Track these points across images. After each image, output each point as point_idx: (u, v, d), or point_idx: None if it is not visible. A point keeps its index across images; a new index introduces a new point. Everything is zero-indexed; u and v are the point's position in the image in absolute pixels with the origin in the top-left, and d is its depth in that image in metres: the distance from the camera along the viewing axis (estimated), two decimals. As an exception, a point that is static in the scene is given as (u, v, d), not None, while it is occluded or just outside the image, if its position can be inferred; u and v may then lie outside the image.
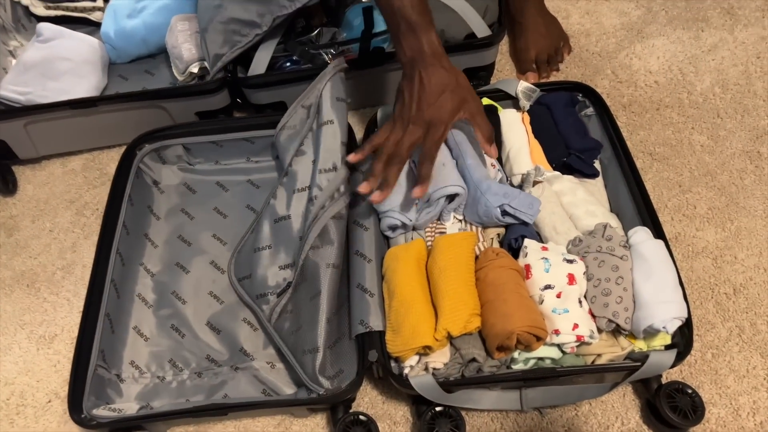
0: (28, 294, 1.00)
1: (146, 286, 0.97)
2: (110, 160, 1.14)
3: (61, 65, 1.15)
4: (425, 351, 0.78)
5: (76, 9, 1.29)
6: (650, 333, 0.77)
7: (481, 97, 1.01)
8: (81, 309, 0.88)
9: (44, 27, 1.20)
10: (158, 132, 1.04)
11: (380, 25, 1.10)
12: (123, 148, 1.12)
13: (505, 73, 1.20)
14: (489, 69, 1.14)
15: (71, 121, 1.08)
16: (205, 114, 1.11)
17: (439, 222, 0.91)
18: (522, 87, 1.00)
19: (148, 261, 0.99)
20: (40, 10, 1.29)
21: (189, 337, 0.92)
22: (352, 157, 0.84)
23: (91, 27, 1.30)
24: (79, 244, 1.05)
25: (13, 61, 1.22)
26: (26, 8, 1.30)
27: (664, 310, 0.75)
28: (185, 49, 1.13)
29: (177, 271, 0.98)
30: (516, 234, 0.86)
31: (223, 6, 1.03)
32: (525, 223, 0.86)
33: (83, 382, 0.83)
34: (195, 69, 1.12)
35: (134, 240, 1.00)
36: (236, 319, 0.93)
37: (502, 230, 0.89)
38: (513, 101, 1.02)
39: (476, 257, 0.85)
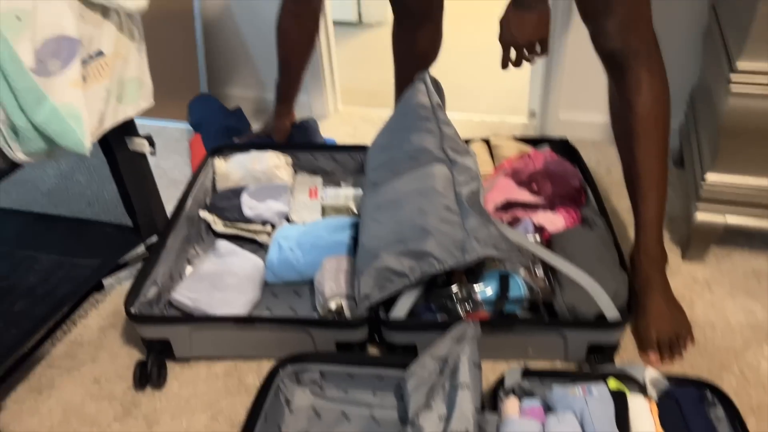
0: (152, 490, 1.06)
1: (262, 507, 1.00)
2: (249, 371, 1.24)
3: (228, 279, 1.33)
4: None
5: (248, 230, 1.52)
6: None
7: (607, 377, 1.06)
8: None
9: (222, 244, 1.41)
10: (303, 356, 1.15)
11: (515, 291, 1.20)
12: (262, 361, 1.24)
13: (628, 351, 1.24)
14: (614, 347, 1.19)
15: (228, 332, 1.21)
16: (344, 345, 1.21)
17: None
18: (650, 376, 1.04)
19: (268, 480, 1.03)
20: (219, 227, 1.52)
21: None
22: None
23: (256, 245, 1.51)
24: (207, 448, 1.12)
25: (189, 268, 1.42)
26: (208, 224, 1.54)
27: None
28: (327, 286, 1.27)
29: (292, 497, 1.01)
30: None
31: (381, 257, 1.18)
32: None
33: None
34: (332, 306, 1.25)
35: (260, 456, 1.05)
36: None
37: None
38: (639, 386, 1.05)
39: None
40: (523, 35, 1.17)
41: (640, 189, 1.25)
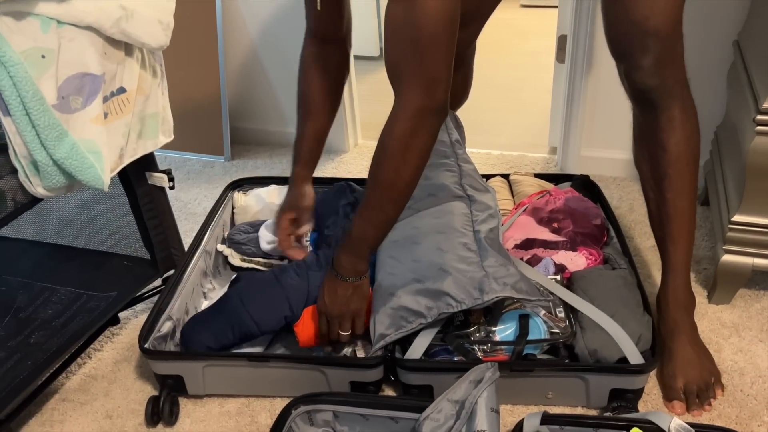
0: None
1: None
2: (262, 410, 1.22)
3: (243, 314, 1.31)
4: None
5: (264, 264, 1.51)
6: None
7: (630, 426, 1.02)
8: None
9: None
10: (316, 396, 1.12)
11: (534, 332, 1.17)
12: (275, 400, 1.22)
13: (652, 396, 1.20)
14: (637, 393, 1.15)
15: (242, 369, 1.20)
16: (358, 384, 1.19)
17: None
18: (675, 425, 0.99)
19: None
20: (236, 261, 1.52)
21: None
22: None
23: (273, 280, 1.50)
24: (217, 489, 1.10)
25: (205, 303, 1.41)
26: (225, 258, 1.53)
27: None
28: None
29: None
30: None
31: (397, 295, 1.17)
32: None
33: None
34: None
35: (270, 501, 1.03)
36: None
37: None
38: (664, 436, 1.01)
39: None
40: (334, 307, 1.15)
41: (669, 231, 1.21)
